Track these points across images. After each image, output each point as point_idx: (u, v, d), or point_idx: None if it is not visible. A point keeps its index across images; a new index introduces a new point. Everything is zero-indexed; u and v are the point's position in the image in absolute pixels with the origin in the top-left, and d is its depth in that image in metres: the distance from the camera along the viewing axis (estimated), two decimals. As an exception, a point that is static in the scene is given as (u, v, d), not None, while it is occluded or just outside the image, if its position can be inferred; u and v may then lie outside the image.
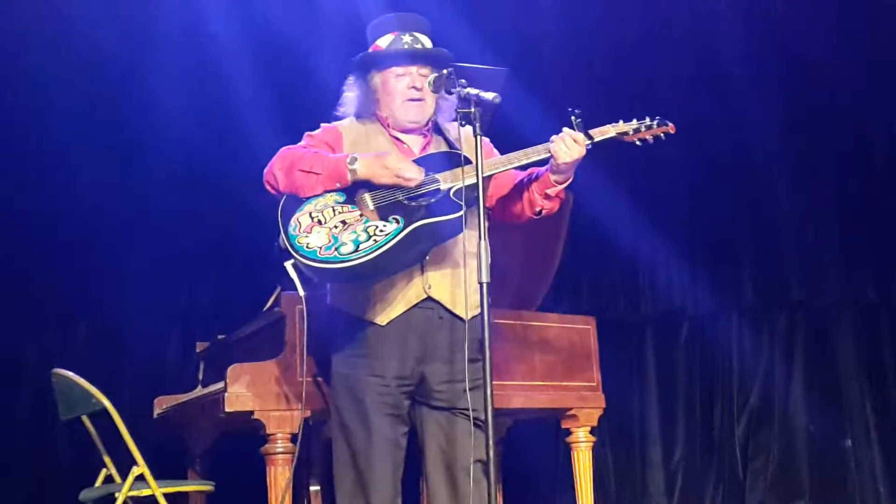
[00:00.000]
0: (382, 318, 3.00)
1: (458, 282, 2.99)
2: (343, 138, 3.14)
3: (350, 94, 3.21)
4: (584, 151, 2.99)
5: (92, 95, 5.46)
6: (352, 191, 2.99)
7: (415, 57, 3.10)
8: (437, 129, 3.19)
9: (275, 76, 5.49)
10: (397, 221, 2.90)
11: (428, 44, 3.14)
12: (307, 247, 2.87)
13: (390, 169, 2.95)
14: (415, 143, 3.17)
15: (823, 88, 5.69)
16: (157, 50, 5.47)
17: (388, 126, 3.16)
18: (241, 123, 5.32)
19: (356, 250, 2.83)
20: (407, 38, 3.12)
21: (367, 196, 2.97)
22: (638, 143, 3.11)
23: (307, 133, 3.18)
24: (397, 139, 3.16)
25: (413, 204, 2.94)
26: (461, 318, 2.98)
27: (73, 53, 5.45)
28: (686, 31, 5.85)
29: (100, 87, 5.49)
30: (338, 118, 3.23)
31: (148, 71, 5.47)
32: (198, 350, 4.78)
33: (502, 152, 3.15)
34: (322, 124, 3.21)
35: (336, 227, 2.90)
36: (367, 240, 2.85)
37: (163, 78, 5.44)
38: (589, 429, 4.36)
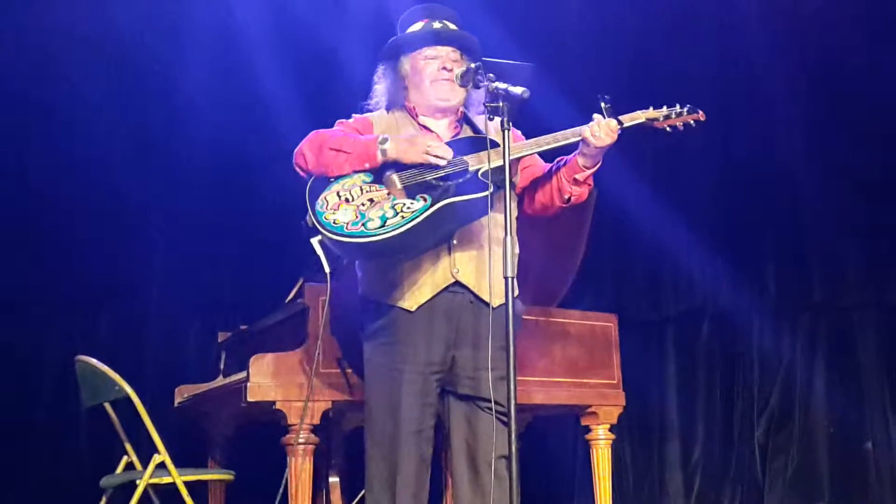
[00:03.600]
0: (411, 304, 3.02)
1: (485, 267, 3.00)
2: (374, 127, 3.16)
3: (380, 86, 3.25)
4: (615, 137, 3.00)
5: (120, 88, 5.50)
6: (379, 172, 3.01)
7: (445, 38, 3.13)
8: (467, 121, 3.20)
9: (302, 70, 5.49)
10: (424, 199, 2.91)
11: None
12: (334, 222, 2.89)
13: (419, 146, 2.97)
14: (443, 132, 3.18)
15: (850, 85, 5.63)
16: (185, 43, 5.50)
17: (417, 115, 3.18)
18: (266, 117, 5.33)
19: (383, 226, 2.85)
20: (437, 25, 3.17)
21: (394, 176, 2.99)
22: (668, 129, 3.11)
23: (339, 120, 3.21)
24: (426, 128, 3.17)
25: (441, 184, 2.95)
26: (487, 304, 2.99)
27: (102, 47, 5.48)
28: (711, 25, 5.82)
29: (128, 79, 5.52)
30: (369, 111, 3.26)
31: (175, 64, 5.50)
32: (220, 340, 4.79)
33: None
34: (354, 115, 3.24)
35: (364, 204, 2.92)
36: (395, 216, 2.87)
37: (190, 71, 5.47)
38: (608, 426, 4.36)
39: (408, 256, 2.99)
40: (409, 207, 2.89)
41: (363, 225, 2.86)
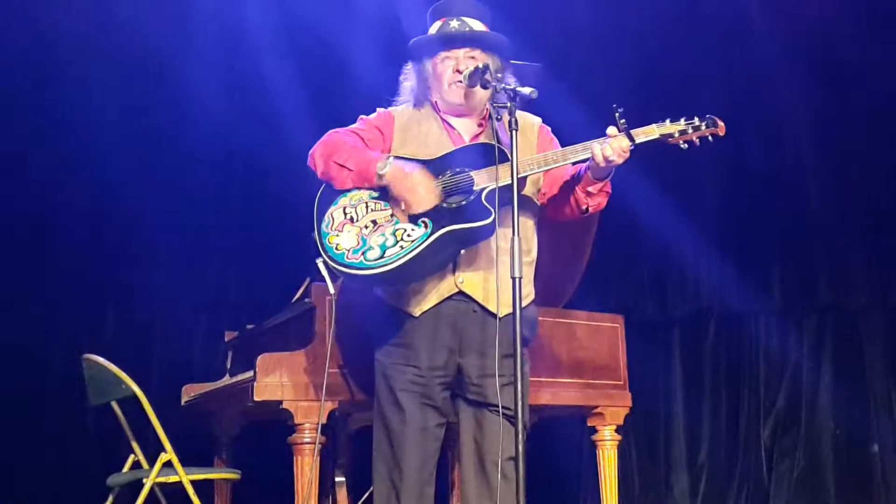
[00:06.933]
0: (416, 310, 3.02)
1: (492, 279, 2.97)
2: (395, 122, 3.14)
3: (407, 84, 3.20)
4: (627, 157, 2.91)
5: (127, 86, 5.51)
6: (385, 187, 2.97)
7: (457, 40, 3.07)
8: (492, 120, 3.15)
9: (309, 68, 5.49)
10: (426, 225, 2.88)
11: (479, 27, 3.12)
12: (336, 248, 2.89)
13: (406, 184, 2.92)
14: (466, 129, 3.15)
15: (856, 89, 5.64)
16: (192, 40, 5.50)
17: (440, 111, 3.15)
18: (273, 115, 5.33)
19: (382, 256, 2.84)
20: (454, 23, 3.10)
21: None
22: (683, 145, 2.97)
23: (361, 116, 3.18)
24: (448, 124, 3.14)
25: (444, 205, 2.92)
26: (494, 315, 2.97)
27: (108, 44, 5.49)
28: (719, 29, 5.82)
29: (135, 77, 5.53)
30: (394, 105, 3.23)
31: (183, 62, 5.50)
32: (226, 339, 4.78)
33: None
34: (378, 109, 3.20)
35: (366, 227, 2.91)
36: (394, 245, 2.85)
37: (197, 69, 5.47)
38: (615, 427, 4.35)
39: (411, 282, 2.96)
40: (409, 235, 2.86)
41: (363, 254, 2.84)
